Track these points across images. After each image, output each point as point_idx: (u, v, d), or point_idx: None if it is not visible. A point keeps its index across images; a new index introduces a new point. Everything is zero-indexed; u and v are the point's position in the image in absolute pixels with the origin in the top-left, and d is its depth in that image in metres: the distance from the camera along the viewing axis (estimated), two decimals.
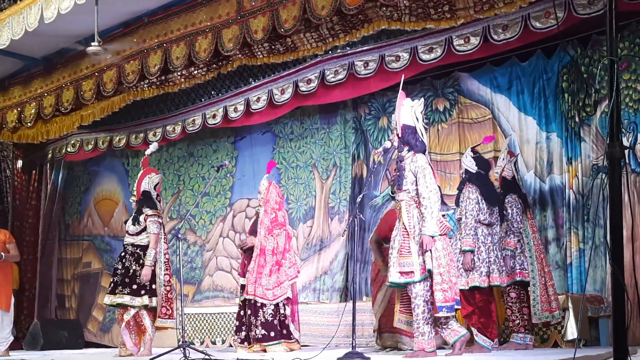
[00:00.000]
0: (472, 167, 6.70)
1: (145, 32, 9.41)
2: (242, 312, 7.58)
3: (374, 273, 7.23)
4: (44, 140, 11.47)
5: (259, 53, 8.97)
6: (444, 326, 5.89)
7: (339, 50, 8.73)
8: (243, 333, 7.50)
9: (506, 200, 6.67)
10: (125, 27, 9.60)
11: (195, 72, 9.52)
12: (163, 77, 9.73)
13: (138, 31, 9.49)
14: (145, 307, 7.41)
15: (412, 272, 5.83)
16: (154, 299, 7.44)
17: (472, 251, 6.40)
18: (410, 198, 5.96)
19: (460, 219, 6.54)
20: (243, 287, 7.62)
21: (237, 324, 7.63)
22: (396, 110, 6.24)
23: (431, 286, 5.83)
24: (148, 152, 8.18)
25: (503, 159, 6.88)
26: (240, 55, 9.01)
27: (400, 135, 6.09)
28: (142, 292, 7.38)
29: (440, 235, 5.89)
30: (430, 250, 5.80)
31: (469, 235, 6.42)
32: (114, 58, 9.64)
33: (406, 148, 6.08)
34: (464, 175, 6.77)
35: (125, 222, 7.83)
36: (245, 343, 7.46)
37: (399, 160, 6.11)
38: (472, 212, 6.46)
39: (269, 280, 7.38)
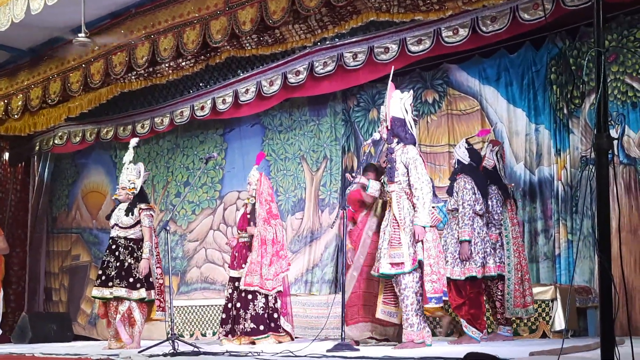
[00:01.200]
0: (465, 158, 6.67)
1: (133, 24, 9.35)
2: (229, 305, 7.57)
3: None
4: (31, 132, 11.40)
5: (247, 45, 8.95)
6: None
7: (327, 42, 8.71)
8: (229, 326, 7.48)
9: (488, 191, 6.66)
10: (113, 18, 9.54)
11: (183, 63, 9.47)
12: (151, 69, 9.68)
13: (125, 22, 9.43)
14: (142, 300, 7.42)
15: (402, 263, 5.84)
16: (150, 292, 7.45)
17: (469, 241, 6.38)
18: (401, 189, 5.97)
19: (456, 209, 6.50)
20: (232, 279, 7.60)
21: (224, 316, 7.60)
22: (385, 102, 6.23)
23: (421, 277, 5.84)
24: (130, 146, 8.14)
25: (486, 148, 6.85)
26: (228, 47, 8.97)
27: (389, 128, 6.09)
28: (138, 285, 7.40)
29: (430, 226, 5.90)
30: (422, 241, 5.82)
31: (467, 226, 6.39)
32: (101, 50, 9.58)
33: (395, 140, 6.08)
34: (456, 166, 6.74)
35: (108, 216, 7.76)
36: (230, 336, 7.43)
37: (389, 152, 6.11)
38: (469, 202, 6.44)
39: (269, 270, 7.38)
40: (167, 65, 9.47)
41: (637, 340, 5.91)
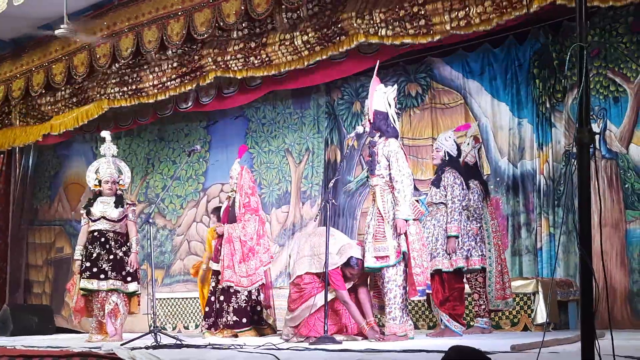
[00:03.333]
0: (454, 150, 6.68)
1: (116, 15, 9.30)
2: (212, 298, 7.55)
3: None
4: (9, 148, 11.34)
5: (234, 66, 8.76)
6: None
7: None
8: (212, 319, 7.46)
9: (469, 186, 6.68)
10: (96, 9, 9.47)
11: (169, 83, 9.29)
12: (135, 87, 9.55)
13: (108, 14, 9.37)
14: (134, 293, 7.46)
15: (387, 256, 5.86)
16: (139, 285, 7.60)
17: (457, 237, 6.41)
18: (384, 183, 5.99)
19: (443, 202, 6.51)
20: (215, 272, 7.59)
21: (207, 309, 7.59)
22: (369, 96, 6.23)
23: (405, 270, 5.86)
24: (107, 139, 8.11)
25: (468, 144, 6.86)
26: (214, 67, 8.80)
27: (372, 121, 6.09)
28: (129, 278, 7.48)
29: (413, 220, 5.92)
30: (405, 234, 5.83)
31: (456, 221, 6.42)
32: (84, 41, 9.52)
33: (378, 134, 6.10)
34: (445, 158, 6.71)
35: (86, 209, 7.71)
36: (212, 329, 7.41)
37: (371, 145, 6.12)
38: (459, 197, 6.47)
39: (240, 267, 7.36)
40: (152, 84, 9.34)
41: (618, 333, 5.97)
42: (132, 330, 8.00)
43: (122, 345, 5.90)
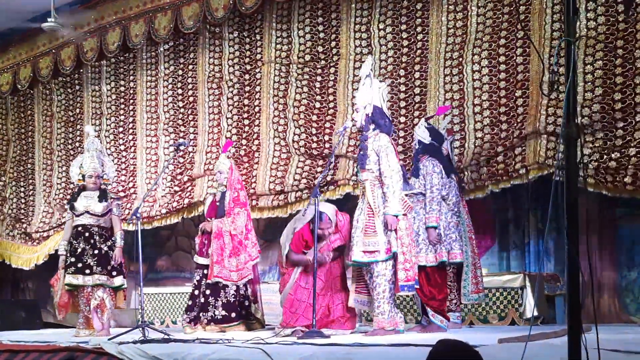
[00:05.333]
0: (426, 137, 6.60)
1: (104, 9, 9.27)
2: (196, 292, 7.51)
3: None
4: None
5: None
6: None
7: None
8: (194, 313, 7.42)
9: (451, 173, 6.64)
10: (83, 3, 9.43)
11: None
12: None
13: (96, 7, 9.34)
14: (120, 288, 7.44)
15: (377, 251, 5.86)
16: (124, 280, 7.56)
17: (436, 227, 6.34)
18: (374, 177, 5.98)
19: (422, 193, 6.45)
20: (200, 266, 7.54)
21: (190, 303, 7.54)
22: (360, 90, 6.23)
23: (394, 265, 5.87)
24: (91, 134, 8.10)
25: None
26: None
27: (370, 115, 6.09)
28: (114, 273, 7.46)
29: (403, 214, 5.92)
30: (395, 230, 5.84)
31: (435, 211, 6.31)
32: (71, 35, 9.48)
33: (372, 127, 6.09)
34: (417, 147, 6.68)
35: (70, 204, 7.70)
36: (193, 323, 7.37)
37: (363, 139, 6.12)
38: (437, 186, 6.37)
39: (230, 262, 7.34)
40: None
41: (605, 327, 6.01)
42: (120, 325, 8.00)
43: (109, 339, 5.88)
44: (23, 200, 11.11)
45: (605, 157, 6.53)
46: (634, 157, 6.41)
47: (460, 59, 7.42)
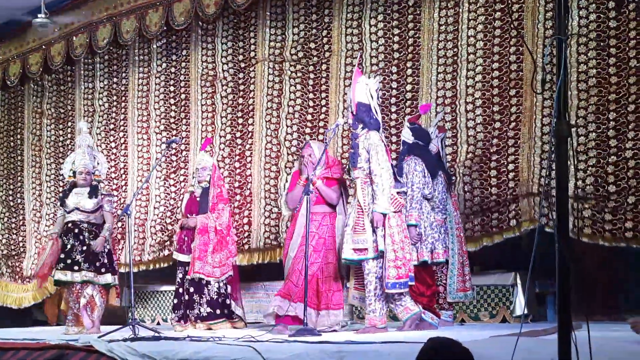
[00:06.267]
0: (409, 137, 6.58)
1: (94, 5, 9.25)
2: (180, 290, 7.47)
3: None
4: None
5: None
6: (397, 302, 5.94)
7: None
8: (181, 311, 7.39)
9: (437, 173, 6.62)
10: None
11: None
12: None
13: (87, 3, 9.31)
14: (108, 285, 7.42)
15: (365, 249, 5.87)
16: (114, 277, 7.53)
17: (416, 225, 6.33)
18: (365, 176, 6.01)
19: (405, 192, 6.43)
20: (181, 263, 7.50)
21: (176, 301, 7.50)
22: (351, 88, 6.23)
23: (384, 263, 5.87)
24: (83, 130, 8.08)
25: (431, 133, 6.80)
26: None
27: (354, 113, 6.09)
28: (103, 270, 7.43)
29: (394, 212, 5.93)
30: (384, 228, 5.83)
31: (414, 209, 6.31)
32: (62, 31, 9.44)
33: (360, 126, 6.09)
34: (402, 147, 6.68)
35: (62, 200, 7.69)
36: (182, 322, 7.35)
37: (353, 137, 6.13)
38: (418, 185, 6.36)
39: (214, 257, 7.32)
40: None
41: (594, 325, 6.02)
42: (110, 322, 7.97)
43: (99, 337, 5.86)
44: (14, 232, 10.92)
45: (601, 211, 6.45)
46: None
47: (455, 58, 7.40)
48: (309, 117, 8.31)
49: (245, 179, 8.69)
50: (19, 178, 10.94)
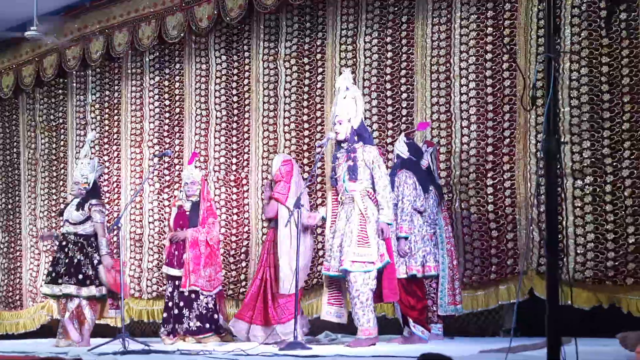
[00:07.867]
0: (404, 152, 6.62)
1: (87, 17, 9.28)
2: (170, 304, 7.45)
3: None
4: None
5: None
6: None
7: None
8: (170, 325, 7.37)
9: (429, 188, 6.64)
10: (67, 11, 9.43)
11: None
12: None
13: (80, 16, 9.35)
14: (92, 297, 7.35)
15: (372, 262, 5.91)
16: (101, 288, 7.36)
17: (407, 238, 6.35)
18: (363, 189, 6.06)
19: (396, 204, 6.49)
20: (171, 277, 7.49)
21: (165, 315, 7.48)
22: (339, 102, 6.26)
23: (381, 274, 5.95)
24: (88, 140, 8.08)
25: (421, 147, 6.82)
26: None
27: (356, 128, 6.16)
28: (88, 282, 7.32)
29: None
30: (389, 239, 6.01)
31: (405, 222, 6.31)
32: (54, 43, 9.47)
33: (356, 139, 6.17)
34: (395, 161, 6.71)
35: (61, 212, 7.70)
36: (171, 336, 7.32)
37: (351, 151, 6.15)
38: (409, 197, 6.37)
39: (205, 271, 7.32)
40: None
41: (583, 340, 6.03)
42: (103, 335, 7.94)
43: (89, 350, 5.85)
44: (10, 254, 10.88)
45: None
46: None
47: (448, 73, 7.43)
48: (306, 132, 8.31)
49: (242, 194, 8.67)
50: (17, 192, 10.87)
